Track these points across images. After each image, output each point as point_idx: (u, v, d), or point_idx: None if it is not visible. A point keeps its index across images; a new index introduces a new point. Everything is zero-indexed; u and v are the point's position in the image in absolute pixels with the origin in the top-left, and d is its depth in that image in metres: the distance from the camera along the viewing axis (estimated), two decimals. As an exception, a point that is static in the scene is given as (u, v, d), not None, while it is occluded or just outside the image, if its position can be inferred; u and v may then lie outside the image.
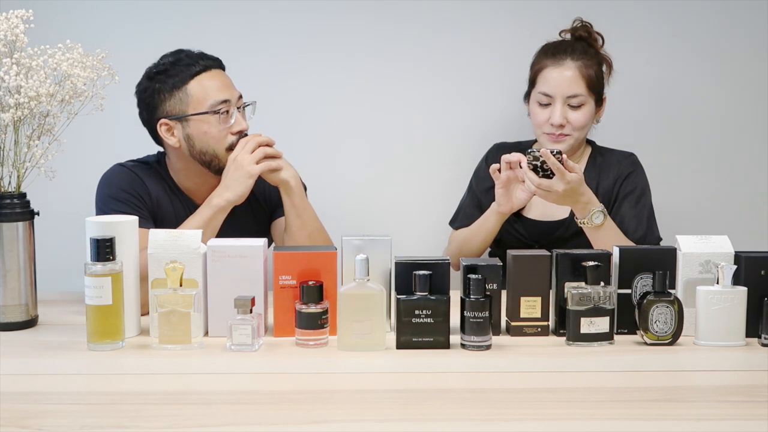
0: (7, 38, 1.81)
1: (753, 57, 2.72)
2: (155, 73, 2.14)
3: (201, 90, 2.12)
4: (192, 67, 2.12)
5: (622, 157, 2.38)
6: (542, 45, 2.38)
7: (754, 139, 2.76)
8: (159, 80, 2.13)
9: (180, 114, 2.12)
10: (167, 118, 2.13)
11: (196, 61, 2.13)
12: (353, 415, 1.41)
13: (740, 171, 2.77)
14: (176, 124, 2.13)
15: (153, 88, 2.14)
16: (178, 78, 2.12)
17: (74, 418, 1.38)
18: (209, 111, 2.11)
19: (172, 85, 2.12)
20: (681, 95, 2.74)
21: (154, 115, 2.15)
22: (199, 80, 2.12)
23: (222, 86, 2.14)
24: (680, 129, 2.75)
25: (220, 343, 1.73)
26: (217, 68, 2.17)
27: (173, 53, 2.17)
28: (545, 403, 1.46)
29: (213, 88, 2.12)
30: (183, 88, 2.12)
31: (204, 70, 2.13)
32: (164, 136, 2.15)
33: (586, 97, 2.29)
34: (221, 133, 2.13)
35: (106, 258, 1.69)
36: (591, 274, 1.73)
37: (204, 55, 2.16)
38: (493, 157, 2.41)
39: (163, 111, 2.14)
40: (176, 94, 2.12)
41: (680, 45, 2.72)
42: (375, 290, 1.70)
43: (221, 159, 2.13)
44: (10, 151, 1.86)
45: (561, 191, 2.05)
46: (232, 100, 2.14)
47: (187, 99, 2.12)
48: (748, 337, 1.75)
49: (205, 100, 2.12)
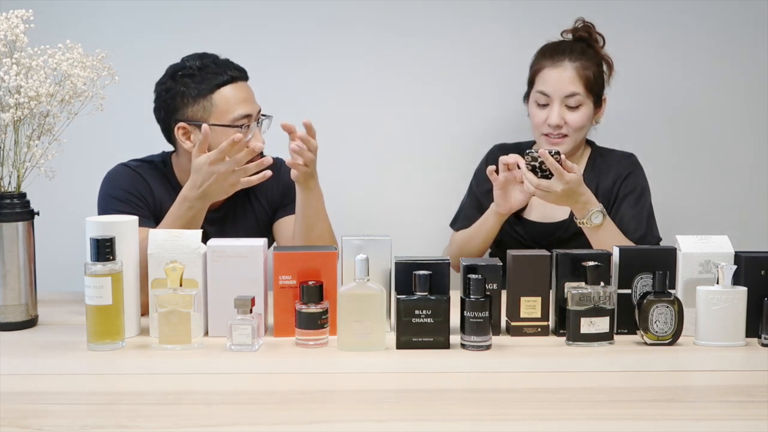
0: (7, 38, 1.81)
1: (754, 57, 2.72)
2: (181, 75, 2.11)
3: (225, 102, 2.09)
4: (219, 77, 2.10)
5: (622, 157, 2.38)
6: (542, 45, 2.38)
7: (754, 139, 2.76)
8: (184, 83, 2.10)
9: (201, 121, 2.09)
10: (187, 122, 2.12)
11: (224, 70, 2.11)
12: (353, 415, 1.41)
13: (740, 171, 2.77)
14: (194, 130, 2.10)
15: (176, 90, 2.11)
16: (205, 85, 2.09)
17: (74, 418, 1.38)
18: (231, 124, 2.09)
19: (198, 91, 2.09)
20: (681, 95, 2.74)
21: (173, 116, 2.13)
22: (225, 91, 2.10)
23: (245, 100, 2.12)
24: (680, 129, 2.75)
25: (220, 343, 1.73)
26: (242, 80, 2.14)
27: (199, 56, 2.14)
28: (545, 403, 1.46)
29: (237, 101, 2.10)
30: (208, 96, 2.09)
31: (231, 81, 2.11)
32: (180, 139, 2.13)
33: (583, 98, 2.29)
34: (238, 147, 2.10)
35: (106, 258, 1.69)
36: (591, 274, 1.73)
37: (231, 64, 2.14)
38: (493, 158, 2.40)
39: (184, 114, 2.11)
40: (200, 102, 2.09)
41: (681, 45, 2.72)
42: (375, 290, 1.71)
43: None
44: (10, 151, 1.86)
45: (560, 191, 2.05)
46: (254, 114, 2.12)
47: (211, 108, 2.09)
48: (748, 337, 1.75)
49: (228, 112, 2.09)
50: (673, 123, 2.75)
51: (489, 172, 2.18)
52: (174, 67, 2.15)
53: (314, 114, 2.67)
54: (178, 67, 2.14)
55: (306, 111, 2.67)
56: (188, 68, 2.12)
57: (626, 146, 2.43)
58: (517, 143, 2.45)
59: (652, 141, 2.72)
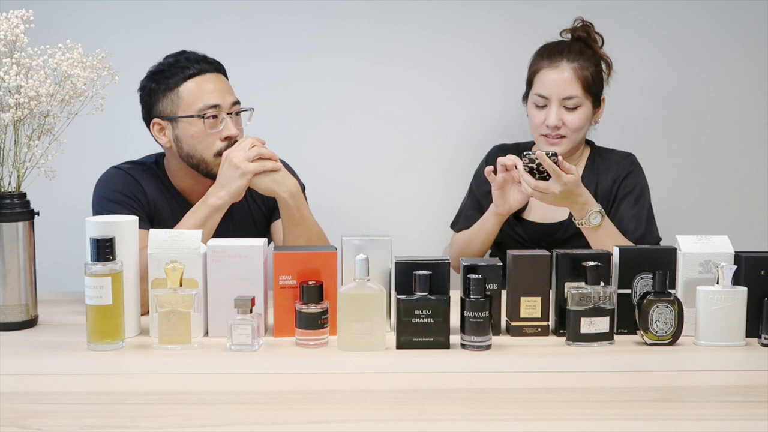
0: (7, 38, 1.81)
1: (753, 57, 2.72)
2: (153, 73, 2.16)
3: (192, 93, 2.11)
4: (187, 70, 2.12)
5: (621, 157, 2.38)
6: (540, 46, 2.38)
7: (754, 139, 2.76)
8: (156, 80, 2.14)
9: (170, 115, 2.12)
10: (160, 118, 2.14)
11: (192, 63, 2.13)
12: (353, 415, 1.41)
13: (740, 171, 2.77)
14: (167, 125, 2.14)
15: (150, 87, 2.15)
16: (173, 80, 2.12)
17: (74, 418, 1.38)
18: (196, 114, 2.10)
19: (166, 86, 2.12)
20: (682, 95, 2.74)
21: (150, 115, 2.16)
22: (193, 83, 2.12)
23: (215, 91, 2.13)
24: (680, 129, 2.75)
25: (220, 343, 1.73)
26: (214, 72, 2.15)
27: (175, 54, 2.17)
28: (545, 403, 1.46)
29: (205, 91, 2.12)
30: (176, 89, 2.12)
31: (199, 73, 2.13)
32: (156, 136, 2.16)
33: (582, 99, 2.29)
34: (209, 138, 2.11)
35: (106, 258, 1.69)
36: (591, 274, 1.73)
37: (204, 58, 2.16)
38: (492, 159, 2.40)
39: (157, 111, 2.15)
40: (169, 95, 2.12)
41: (681, 45, 2.72)
42: (375, 290, 1.71)
43: (208, 163, 2.12)
44: (10, 151, 1.86)
45: (558, 193, 2.05)
46: (223, 105, 2.13)
47: (178, 101, 2.12)
48: (748, 337, 1.75)
49: (195, 103, 2.11)
50: (674, 123, 2.75)
51: (487, 173, 2.17)
52: (151, 67, 2.18)
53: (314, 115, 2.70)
54: (154, 67, 2.18)
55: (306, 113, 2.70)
56: (161, 65, 2.16)
57: (627, 146, 2.43)
58: (516, 144, 2.45)
59: (652, 141, 2.72)
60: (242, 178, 2.05)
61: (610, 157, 2.39)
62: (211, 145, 2.12)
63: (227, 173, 2.06)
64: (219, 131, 2.12)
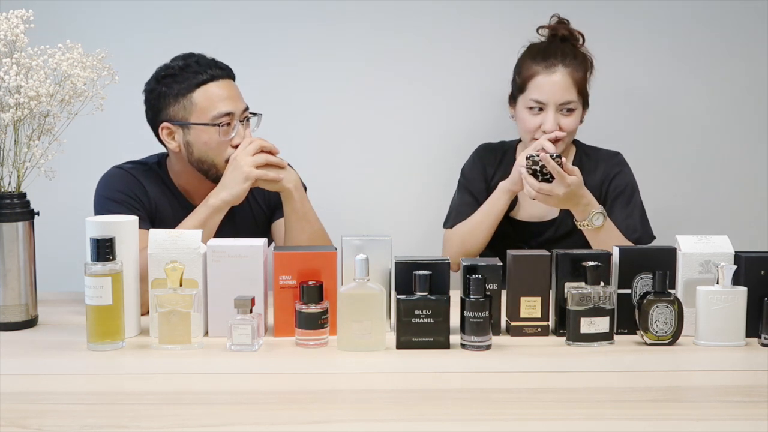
0: (7, 38, 1.81)
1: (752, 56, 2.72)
2: (163, 76, 2.13)
3: (205, 100, 2.10)
4: (199, 75, 2.10)
5: (608, 156, 2.37)
6: (527, 47, 2.36)
7: (754, 139, 2.76)
8: (166, 84, 2.12)
9: (182, 121, 2.10)
10: (170, 123, 2.12)
11: (205, 69, 2.11)
12: (353, 415, 1.41)
13: (740, 171, 2.77)
14: (178, 130, 2.12)
15: (159, 90, 2.12)
16: (185, 85, 2.10)
17: (74, 418, 1.38)
18: (210, 122, 2.09)
19: (178, 91, 2.10)
20: (682, 95, 2.74)
21: (158, 118, 2.14)
22: (206, 90, 2.10)
23: (228, 98, 2.11)
24: (680, 129, 2.75)
25: (220, 343, 1.73)
26: (226, 78, 2.14)
27: (184, 57, 2.14)
28: (545, 403, 1.46)
29: (218, 99, 2.10)
30: (188, 95, 2.10)
31: (211, 79, 2.11)
32: (165, 140, 2.14)
33: (576, 103, 2.28)
34: (221, 145, 2.11)
35: (106, 258, 1.69)
36: (591, 274, 1.73)
37: (215, 63, 2.14)
38: (481, 157, 2.41)
39: (167, 115, 2.12)
40: (181, 101, 2.10)
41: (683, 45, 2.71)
42: (375, 290, 1.71)
43: (219, 169, 2.12)
44: (10, 151, 1.86)
45: (561, 195, 2.05)
46: (236, 112, 2.12)
47: (190, 107, 2.10)
48: (748, 337, 1.75)
49: (209, 110, 2.10)
50: (673, 123, 2.75)
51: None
52: (159, 68, 2.16)
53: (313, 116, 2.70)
54: (162, 69, 2.15)
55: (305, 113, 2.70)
56: (171, 68, 2.13)
57: (627, 146, 2.43)
58: (501, 142, 2.46)
59: (652, 141, 2.73)
60: (245, 183, 2.05)
61: (597, 156, 2.38)
62: (222, 151, 2.11)
63: (232, 176, 2.05)
64: (231, 139, 2.11)
